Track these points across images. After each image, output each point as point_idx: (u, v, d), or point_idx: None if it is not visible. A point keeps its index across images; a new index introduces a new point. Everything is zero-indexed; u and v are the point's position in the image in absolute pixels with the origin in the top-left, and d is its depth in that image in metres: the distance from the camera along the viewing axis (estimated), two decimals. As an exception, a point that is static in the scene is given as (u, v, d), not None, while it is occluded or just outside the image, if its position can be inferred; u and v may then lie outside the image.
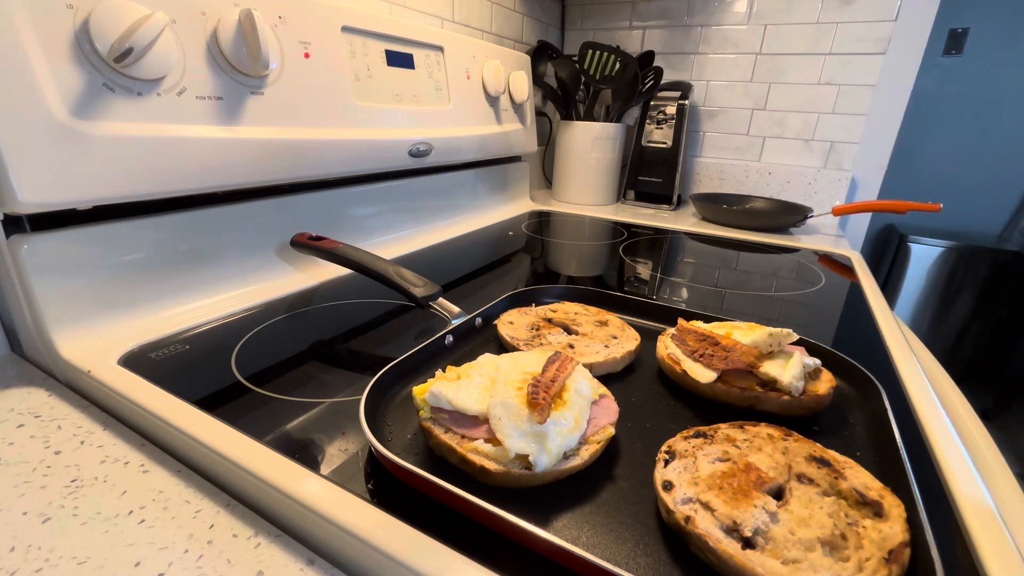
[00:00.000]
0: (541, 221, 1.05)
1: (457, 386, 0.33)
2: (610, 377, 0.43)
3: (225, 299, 0.55)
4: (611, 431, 0.33)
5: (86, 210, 0.45)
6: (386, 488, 0.30)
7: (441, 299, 0.50)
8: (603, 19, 1.33)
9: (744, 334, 0.43)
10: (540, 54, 1.21)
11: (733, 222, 1.07)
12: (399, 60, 0.72)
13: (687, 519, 0.26)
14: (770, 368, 0.39)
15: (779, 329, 0.44)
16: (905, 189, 2.02)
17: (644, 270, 0.77)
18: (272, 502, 0.30)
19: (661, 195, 1.24)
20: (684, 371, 0.41)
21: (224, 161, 0.51)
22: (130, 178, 0.44)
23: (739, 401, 0.39)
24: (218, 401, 0.38)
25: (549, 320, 0.50)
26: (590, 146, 1.18)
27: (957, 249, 1.86)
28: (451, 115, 0.82)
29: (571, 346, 0.45)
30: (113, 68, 0.42)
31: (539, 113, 1.30)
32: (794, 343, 0.44)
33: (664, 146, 1.21)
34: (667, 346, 0.45)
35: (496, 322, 0.50)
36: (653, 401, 0.41)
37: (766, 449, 0.31)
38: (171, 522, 0.29)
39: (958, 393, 0.57)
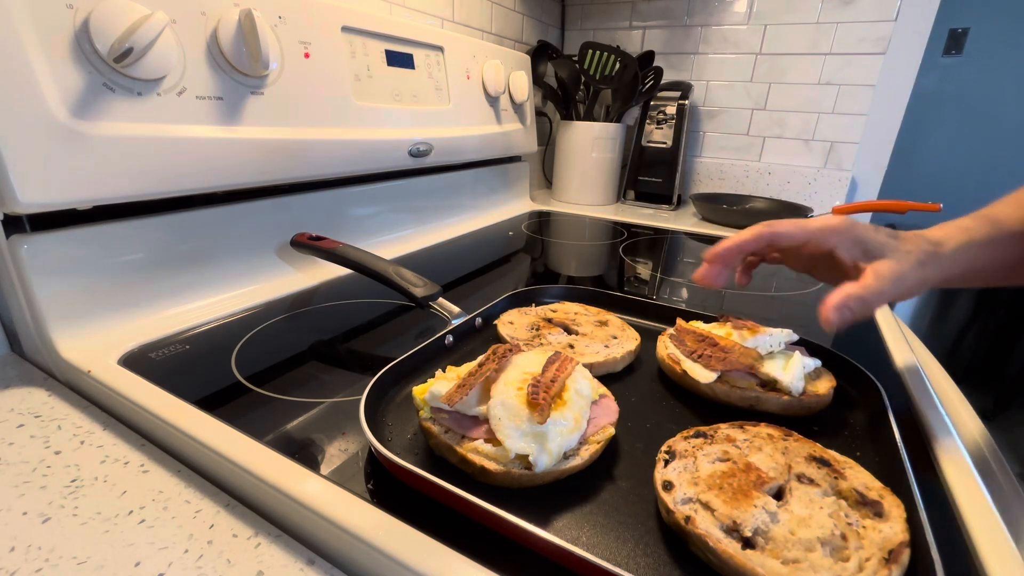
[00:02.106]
0: (541, 221, 1.05)
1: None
2: (610, 377, 0.43)
3: (225, 299, 0.55)
4: (611, 431, 0.33)
5: (86, 210, 0.45)
6: (386, 488, 0.30)
7: (441, 299, 0.50)
8: (603, 19, 1.33)
9: (743, 335, 0.43)
10: (540, 54, 1.21)
11: (733, 222, 1.07)
12: (399, 60, 0.72)
13: (687, 519, 0.26)
14: (770, 368, 0.39)
15: (779, 329, 0.44)
16: (905, 189, 2.02)
17: (644, 270, 0.77)
18: (272, 502, 0.30)
19: (661, 195, 1.24)
20: (684, 371, 0.41)
21: (224, 161, 0.51)
22: (130, 178, 0.44)
23: (739, 402, 0.39)
24: (218, 401, 0.38)
25: (549, 320, 0.50)
26: (590, 146, 1.18)
27: (957, 249, 1.86)
28: (451, 115, 0.82)
29: (571, 346, 0.45)
30: (113, 68, 0.42)
31: (539, 113, 1.30)
32: (794, 343, 0.44)
33: (664, 146, 1.21)
34: (667, 346, 0.45)
35: (496, 322, 0.50)
36: (653, 401, 0.41)
37: (766, 449, 0.31)
38: (171, 522, 0.29)
39: (958, 393, 0.57)
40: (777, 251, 0.43)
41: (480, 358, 0.36)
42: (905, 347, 0.52)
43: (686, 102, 1.18)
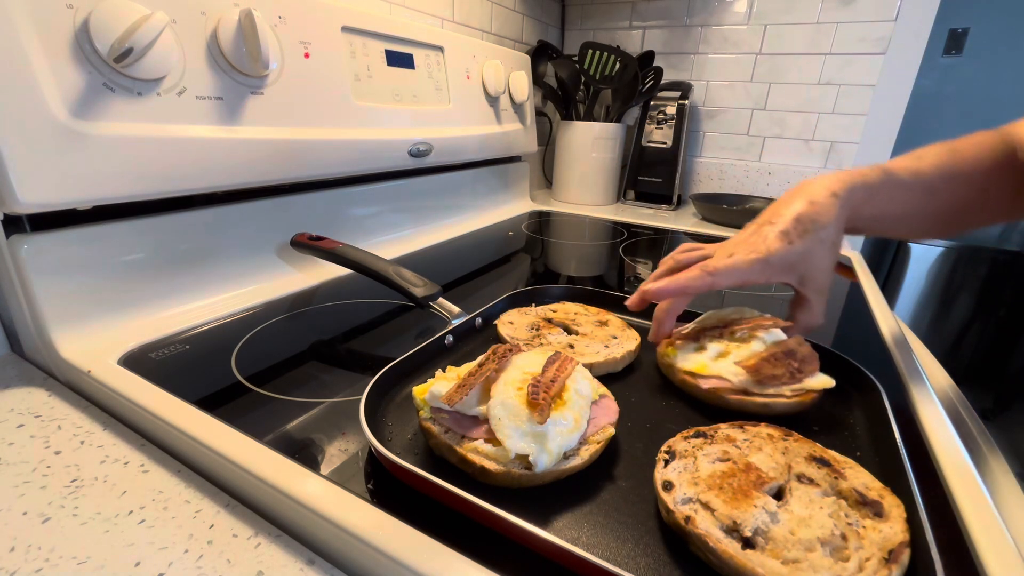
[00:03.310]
0: (541, 221, 1.05)
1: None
2: (610, 377, 0.43)
3: (225, 299, 0.55)
4: (611, 431, 0.33)
5: (86, 210, 0.45)
6: (386, 488, 0.30)
7: (441, 299, 0.50)
8: (603, 19, 1.33)
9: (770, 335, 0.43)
10: (540, 54, 1.21)
11: (733, 222, 1.07)
12: (399, 60, 0.72)
13: (687, 519, 0.26)
14: None
15: (742, 313, 0.46)
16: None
17: (644, 270, 0.77)
18: (272, 502, 0.30)
19: (661, 195, 1.24)
20: (814, 391, 0.38)
21: (224, 161, 0.51)
22: (130, 178, 0.44)
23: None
24: (218, 401, 0.38)
25: (549, 320, 0.50)
26: (590, 146, 1.18)
27: (957, 249, 1.86)
28: (451, 115, 0.82)
29: (571, 346, 0.45)
30: (113, 68, 0.42)
31: (539, 113, 1.30)
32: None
33: (664, 146, 1.21)
34: (749, 380, 0.38)
35: (496, 322, 0.50)
36: (653, 401, 0.41)
37: (766, 449, 0.31)
38: (171, 522, 0.29)
39: (958, 393, 0.57)
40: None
41: (480, 358, 0.36)
42: (905, 347, 0.52)
43: (686, 102, 1.18)
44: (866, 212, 0.42)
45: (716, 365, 0.40)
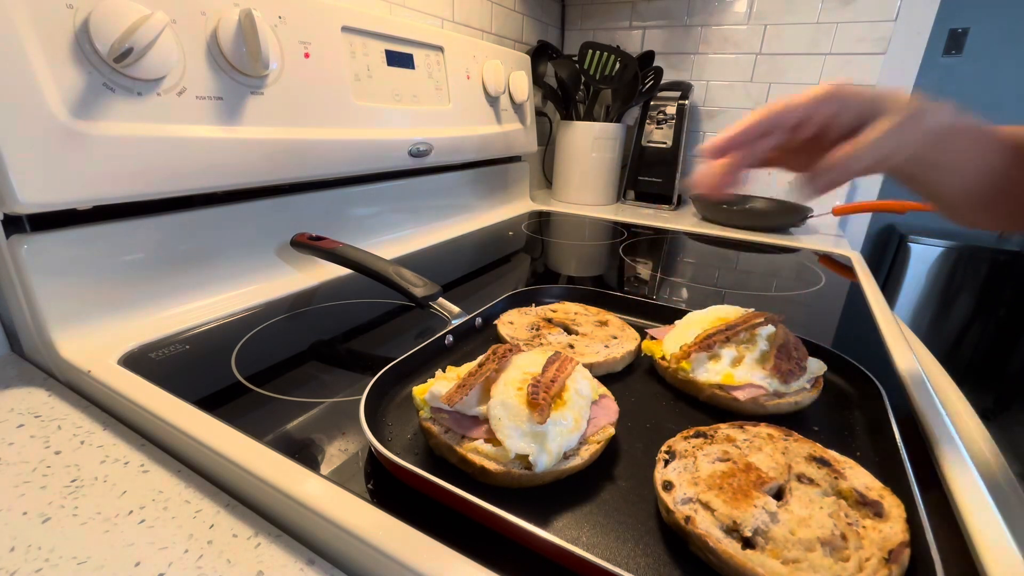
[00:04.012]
0: (541, 221, 1.05)
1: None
2: (610, 377, 0.43)
3: (225, 299, 0.55)
4: (611, 431, 0.33)
5: (86, 210, 0.45)
6: (386, 488, 0.30)
7: (441, 299, 0.50)
8: (603, 19, 1.33)
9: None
10: (540, 54, 1.21)
11: (733, 222, 1.07)
12: (399, 60, 0.72)
13: (687, 519, 0.26)
14: None
15: (726, 309, 0.46)
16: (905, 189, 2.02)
17: (644, 270, 0.77)
18: (272, 502, 0.30)
19: (661, 195, 1.24)
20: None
21: (224, 161, 0.51)
22: (130, 178, 0.44)
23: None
24: (218, 401, 0.38)
25: (549, 320, 0.50)
26: (590, 146, 1.18)
27: (957, 249, 1.86)
28: (451, 115, 0.82)
29: (571, 346, 0.45)
30: (113, 68, 0.42)
31: (539, 113, 1.30)
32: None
33: (664, 146, 1.21)
34: (769, 378, 0.38)
35: (496, 322, 0.50)
36: (653, 401, 0.41)
37: (766, 449, 0.31)
38: (171, 522, 0.29)
39: (958, 393, 0.57)
40: (776, 142, 0.35)
41: (480, 358, 0.36)
42: (905, 347, 0.52)
43: (686, 102, 1.18)
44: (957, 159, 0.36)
45: (741, 373, 0.39)
